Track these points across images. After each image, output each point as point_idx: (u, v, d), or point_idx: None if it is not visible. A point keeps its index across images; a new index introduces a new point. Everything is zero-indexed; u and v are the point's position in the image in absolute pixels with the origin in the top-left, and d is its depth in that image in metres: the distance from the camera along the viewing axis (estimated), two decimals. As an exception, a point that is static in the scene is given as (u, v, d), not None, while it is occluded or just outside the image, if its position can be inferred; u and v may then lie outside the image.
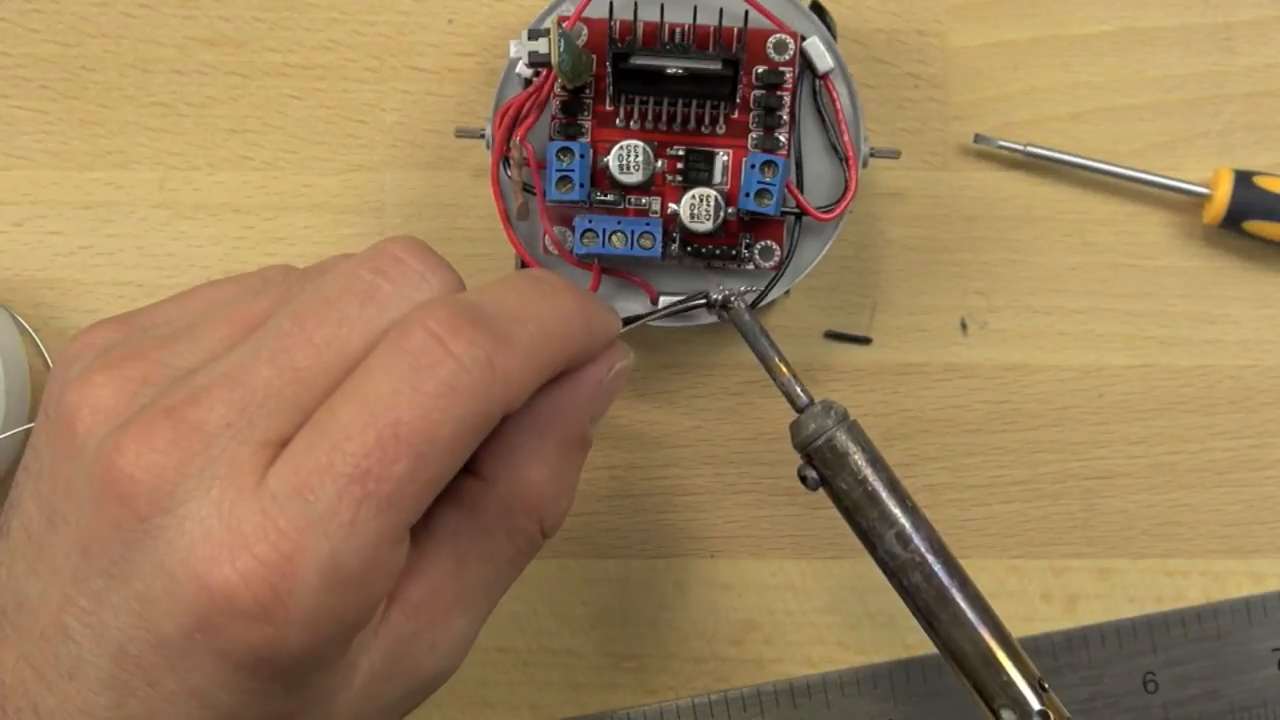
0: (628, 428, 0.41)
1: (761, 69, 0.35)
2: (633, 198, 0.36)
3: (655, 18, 0.35)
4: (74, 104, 0.41)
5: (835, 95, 0.36)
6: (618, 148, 0.35)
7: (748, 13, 0.35)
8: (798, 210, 0.36)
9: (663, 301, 0.37)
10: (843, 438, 0.32)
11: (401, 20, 0.41)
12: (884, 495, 0.32)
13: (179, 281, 0.40)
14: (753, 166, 0.35)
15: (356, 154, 0.41)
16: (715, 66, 0.34)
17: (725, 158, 0.36)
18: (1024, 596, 0.41)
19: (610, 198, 0.36)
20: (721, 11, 0.34)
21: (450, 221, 0.41)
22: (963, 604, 0.31)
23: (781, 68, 0.35)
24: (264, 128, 0.41)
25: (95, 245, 0.40)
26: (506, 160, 0.35)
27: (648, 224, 0.35)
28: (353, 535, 0.25)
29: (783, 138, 0.36)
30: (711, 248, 0.36)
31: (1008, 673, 0.31)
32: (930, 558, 0.32)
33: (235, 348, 0.27)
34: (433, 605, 0.29)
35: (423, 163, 0.41)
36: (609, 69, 0.35)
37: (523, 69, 0.35)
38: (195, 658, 0.25)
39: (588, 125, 0.36)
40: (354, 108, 0.41)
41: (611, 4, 0.34)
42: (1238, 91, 0.41)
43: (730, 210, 0.36)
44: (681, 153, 0.36)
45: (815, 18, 0.36)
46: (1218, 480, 0.41)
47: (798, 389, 0.32)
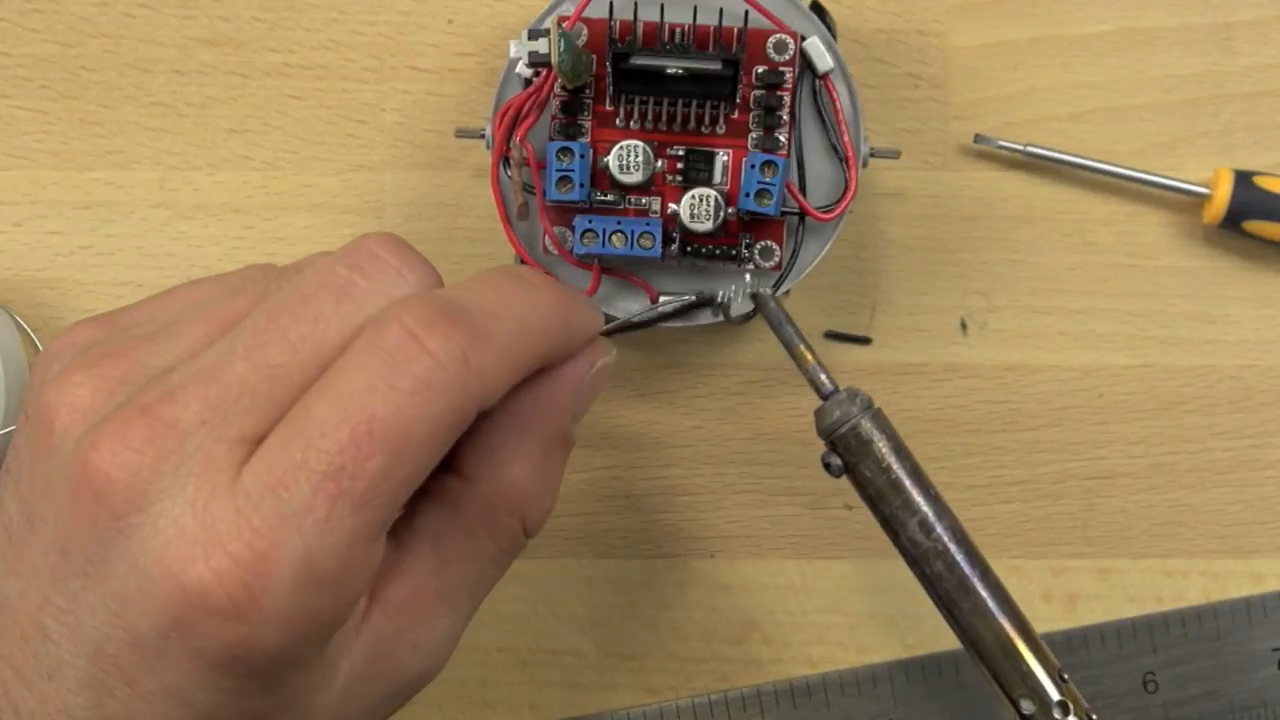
0: (628, 428, 0.41)
1: (761, 69, 0.35)
2: (633, 198, 0.36)
3: (655, 18, 0.35)
4: (74, 104, 0.41)
5: (835, 95, 0.36)
6: (618, 148, 0.35)
7: (748, 13, 0.35)
8: (798, 210, 0.36)
9: (663, 302, 0.37)
10: (867, 425, 0.32)
11: (401, 20, 0.41)
12: (907, 483, 0.32)
13: (179, 281, 0.40)
14: (753, 166, 0.35)
15: (356, 154, 0.41)
16: (715, 66, 0.34)
17: (725, 158, 0.36)
18: (1024, 596, 0.40)
19: (610, 198, 0.36)
20: (721, 11, 0.34)
21: (450, 221, 0.41)
22: (984, 593, 0.32)
23: (781, 68, 0.35)
24: (264, 128, 0.41)
25: (95, 245, 0.40)
26: (506, 160, 0.35)
27: (648, 224, 0.35)
28: (327, 533, 0.25)
29: (783, 138, 0.36)
30: (711, 248, 0.36)
31: (1027, 663, 0.31)
32: (953, 546, 0.32)
33: (212, 345, 0.27)
34: (415, 605, 0.28)
35: (423, 163, 0.41)
36: (609, 69, 0.35)
37: (523, 69, 0.35)
38: (171, 657, 0.25)
39: (588, 125, 0.36)
40: (354, 108, 0.41)
41: (611, 4, 0.34)
42: (1238, 91, 0.41)
43: (730, 210, 0.36)
44: (681, 153, 0.36)
45: (815, 18, 0.36)
46: (1218, 480, 0.41)
47: (823, 376, 0.32)
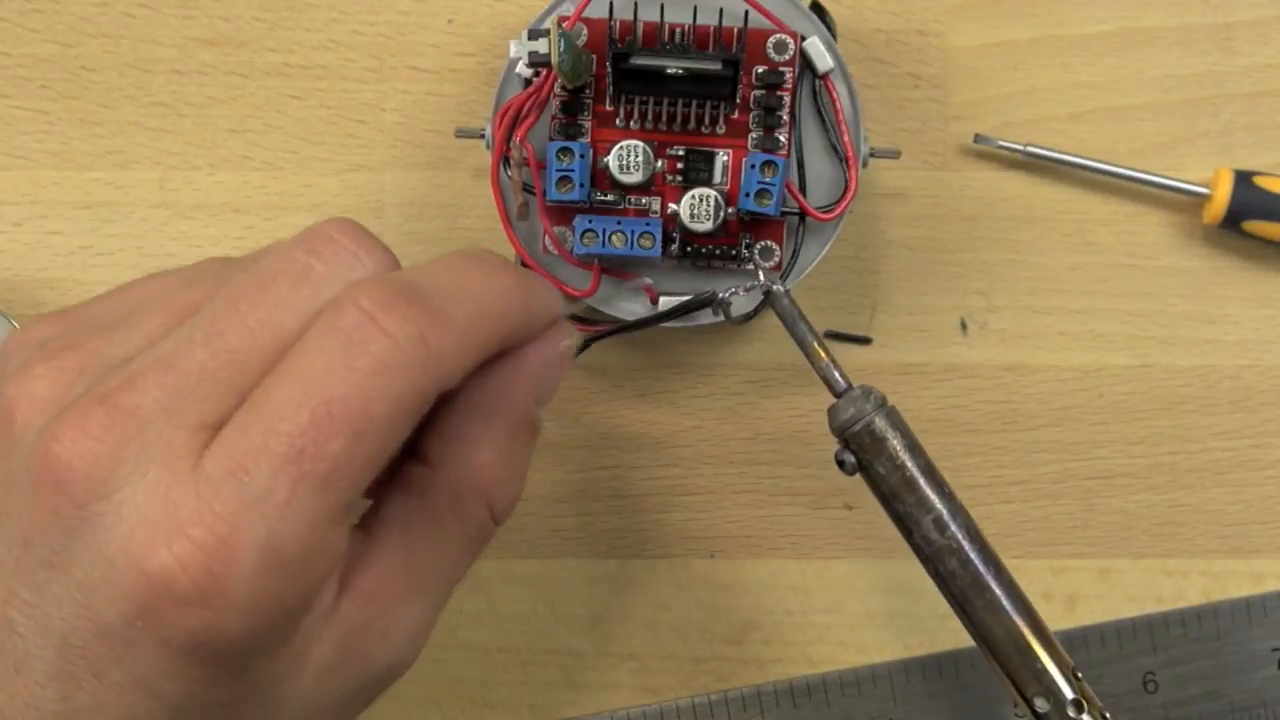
0: (628, 428, 0.41)
1: (761, 69, 0.35)
2: (633, 198, 0.36)
3: (655, 18, 0.35)
4: (74, 104, 0.41)
5: (835, 95, 0.36)
6: (618, 148, 0.35)
7: (748, 13, 0.35)
8: (798, 210, 0.36)
9: (664, 302, 0.37)
10: (881, 423, 0.32)
11: (401, 20, 0.41)
12: (921, 481, 0.32)
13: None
14: (753, 166, 0.35)
15: (356, 154, 0.41)
16: (715, 66, 0.34)
17: (725, 158, 0.36)
18: (1024, 596, 0.41)
19: (610, 198, 0.36)
20: (721, 11, 0.34)
21: (450, 221, 0.41)
22: (998, 591, 0.31)
23: (781, 68, 0.35)
24: (264, 128, 0.41)
25: (95, 245, 0.40)
26: (506, 160, 0.35)
27: (648, 224, 0.35)
28: (289, 516, 0.24)
29: (783, 138, 0.36)
30: (711, 248, 0.36)
31: (1042, 661, 0.31)
32: (967, 544, 0.32)
33: (171, 334, 0.27)
34: (384, 594, 0.28)
35: (423, 163, 0.41)
36: (609, 69, 0.35)
37: (523, 69, 0.35)
38: (138, 646, 0.25)
39: (588, 125, 0.36)
40: (354, 108, 0.41)
41: (611, 4, 0.34)
42: (1238, 91, 0.41)
43: (730, 210, 0.36)
44: (681, 153, 0.36)
45: (815, 18, 0.36)
46: (1218, 480, 0.41)
47: (836, 374, 0.32)
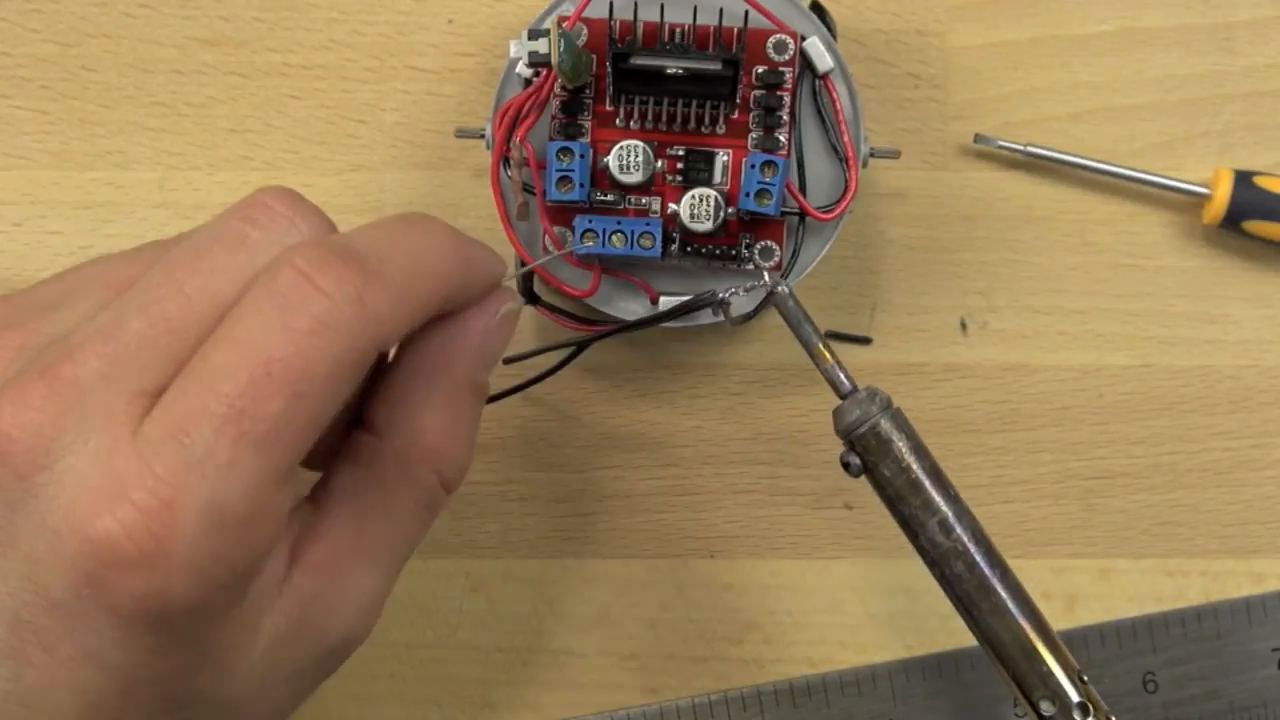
0: (628, 428, 0.41)
1: (761, 69, 0.35)
2: (633, 198, 0.36)
3: (655, 18, 0.35)
4: (74, 104, 0.41)
5: (835, 95, 0.36)
6: (618, 148, 0.35)
7: (748, 13, 0.35)
8: (798, 210, 0.36)
9: (663, 302, 0.37)
10: (886, 425, 0.32)
11: (401, 20, 0.41)
12: (927, 483, 0.32)
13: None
14: (753, 166, 0.35)
15: (356, 154, 0.41)
16: (715, 66, 0.34)
17: (725, 158, 0.36)
18: (1024, 596, 0.41)
19: (610, 198, 0.36)
20: (721, 11, 0.34)
21: (450, 221, 0.40)
22: (1004, 594, 0.31)
23: (781, 68, 0.35)
24: (264, 128, 0.41)
25: (95, 245, 0.40)
26: (506, 160, 0.35)
27: (648, 224, 0.35)
28: (232, 477, 0.25)
29: (783, 138, 0.36)
30: (711, 248, 0.36)
31: (1047, 664, 0.31)
32: (972, 547, 0.31)
33: (108, 306, 0.27)
34: (334, 564, 0.28)
35: (423, 163, 0.41)
36: (609, 69, 0.35)
37: (523, 69, 0.35)
38: (85, 616, 0.25)
39: (588, 125, 0.36)
40: (354, 108, 0.41)
41: (611, 4, 0.34)
42: (1238, 91, 0.41)
43: (730, 210, 0.36)
44: (681, 153, 0.36)
45: (815, 18, 0.36)
46: (1218, 480, 0.41)
47: (841, 375, 0.32)
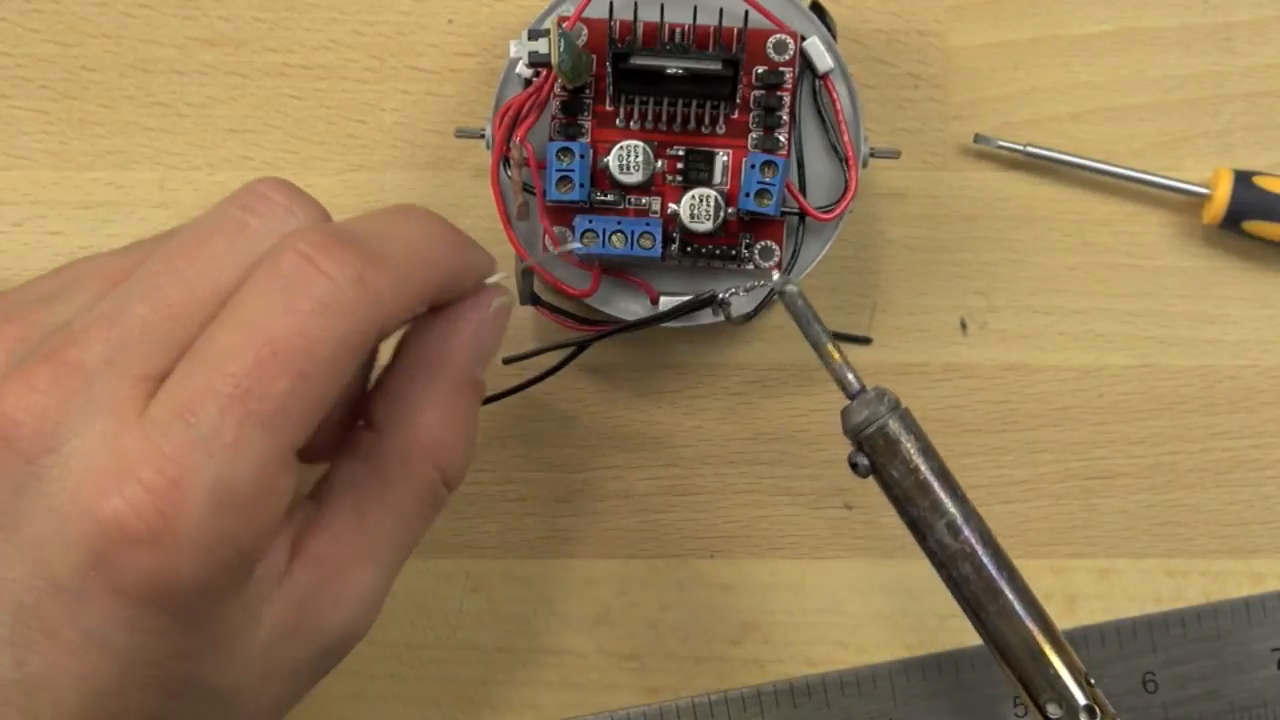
0: (628, 428, 0.41)
1: (761, 69, 0.35)
2: (633, 198, 0.36)
3: (655, 18, 0.35)
4: (74, 104, 0.41)
5: (835, 95, 0.36)
6: (618, 148, 0.35)
7: (748, 13, 0.35)
8: (798, 210, 0.36)
9: (663, 302, 0.37)
10: (895, 425, 0.32)
11: (401, 20, 0.41)
12: (935, 485, 0.32)
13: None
14: (753, 166, 0.35)
15: (356, 154, 0.41)
16: (715, 66, 0.34)
17: (725, 158, 0.36)
18: (1024, 596, 0.41)
19: (610, 198, 0.36)
20: (721, 11, 0.34)
21: (450, 221, 0.41)
22: (1011, 596, 0.31)
23: (781, 68, 0.35)
24: (264, 128, 0.41)
25: (95, 245, 0.40)
26: (506, 160, 0.35)
27: (648, 224, 0.35)
28: (238, 456, 0.25)
29: (783, 138, 0.36)
30: (711, 248, 0.36)
31: (1054, 666, 0.31)
32: (980, 549, 0.31)
33: (110, 294, 0.27)
34: (335, 558, 0.29)
35: (423, 163, 0.41)
36: (609, 69, 0.35)
37: (523, 69, 0.35)
38: (91, 599, 0.25)
39: (588, 125, 0.36)
40: (354, 108, 0.41)
41: (611, 4, 0.34)
42: (1238, 91, 0.41)
43: (730, 210, 0.36)
44: (681, 153, 0.36)
45: (815, 18, 0.36)
46: (1218, 480, 0.41)
47: (850, 375, 0.32)
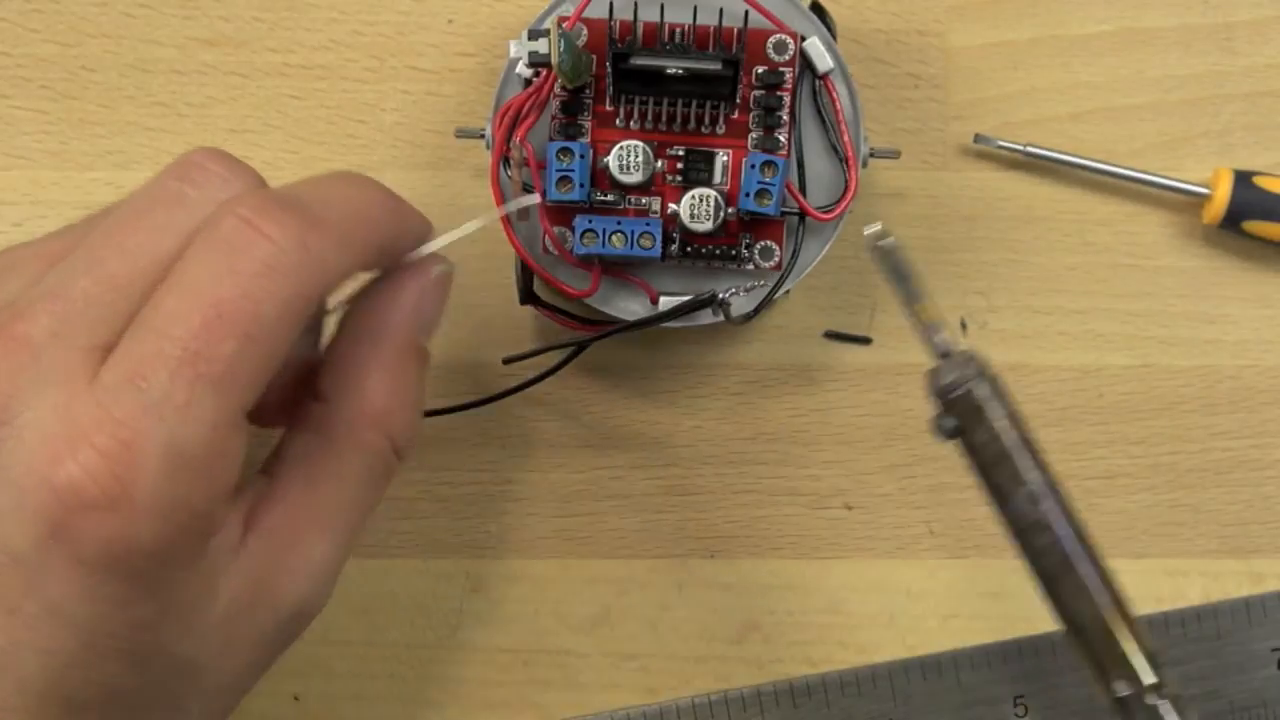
0: (628, 428, 0.41)
1: (761, 69, 0.35)
2: (633, 198, 0.36)
3: (655, 18, 0.35)
4: (74, 104, 0.41)
5: (835, 95, 0.36)
6: (618, 148, 0.35)
7: (748, 13, 0.35)
8: (798, 210, 0.36)
9: (663, 302, 0.37)
10: (984, 389, 0.31)
11: (401, 20, 0.41)
12: (1020, 453, 0.31)
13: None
14: (753, 166, 0.35)
15: (356, 154, 0.41)
16: (715, 66, 0.34)
17: (725, 158, 0.36)
18: (1024, 596, 0.40)
19: (610, 198, 0.36)
20: (721, 11, 0.34)
21: (450, 221, 0.41)
22: (1088, 571, 0.31)
23: (781, 68, 0.35)
24: (264, 128, 0.41)
25: (95, 245, 0.40)
26: (506, 160, 0.35)
27: (648, 224, 0.35)
28: (190, 418, 0.25)
29: (783, 138, 0.36)
30: (711, 248, 0.36)
31: (1125, 644, 0.31)
32: (1060, 521, 0.31)
33: (52, 271, 0.28)
34: (289, 529, 0.29)
35: (423, 163, 0.41)
36: (609, 69, 0.35)
37: (523, 69, 0.35)
38: (51, 570, 0.25)
39: (588, 125, 0.36)
40: (354, 108, 0.41)
41: (611, 4, 0.34)
42: (1238, 91, 0.41)
43: (730, 210, 0.36)
44: (681, 153, 0.36)
45: (815, 18, 0.36)
46: (1218, 480, 0.41)
47: (941, 336, 0.31)
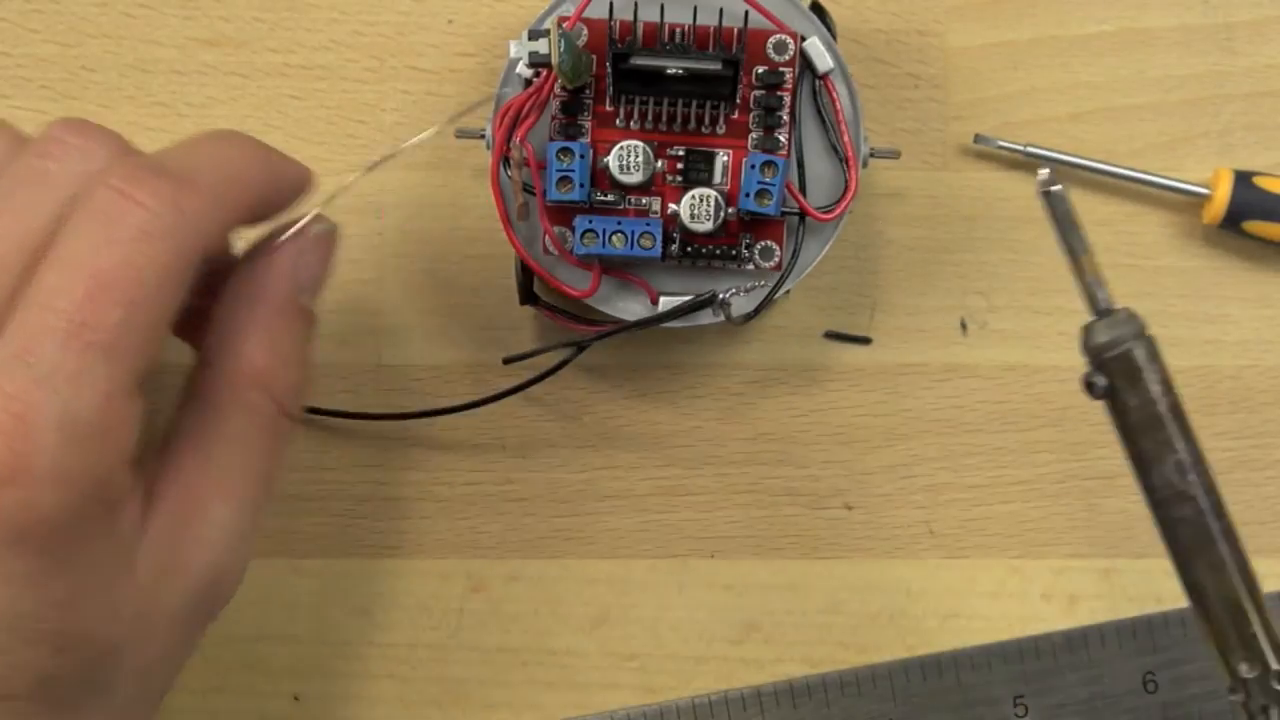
0: (628, 428, 0.41)
1: (761, 69, 0.35)
2: (633, 198, 0.36)
3: (655, 18, 0.35)
4: (74, 104, 0.41)
5: (835, 95, 0.36)
6: (618, 148, 0.35)
7: (748, 13, 0.35)
8: (798, 210, 0.36)
9: (663, 302, 0.37)
10: (1142, 352, 0.30)
11: (401, 20, 0.41)
12: (1171, 420, 0.30)
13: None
14: (753, 167, 0.35)
15: (356, 154, 0.41)
16: (715, 67, 0.34)
17: (725, 158, 0.36)
18: (1024, 596, 0.41)
19: (610, 198, 0.36)
20: (721, 11, 0.34)
21: (450, 221, 0.41)
22: (1224, 549, 0.30)
23: (781, 68, 0.35)
24: (264, 128, 0.41)
25: (95, 245, 0.40)
26: (506, 160, 0.35)
27: (648, 224, 0.35)
28: (82, 388, 0.25)
29: (783, 138, 0.36)
30: (711, 248, 0.36)
31: (1255, 627, 0.30)
32: (1204, 495, 0.30)
33: None
34: (190, 498, 0.29)
35: (423, 163, 0.41)
36: (609, 69, 0.35)
37: (523, 69, 0.35)
38: None
39: (588, 125, 0.36)
40: (354, 108, 0.41)
41: (611, 4, 0.34)
42: (1238, 91, 0.41)
43: (730, 210, 0.36)
44: (681, 153, 0.36)
45: (815, 18, 0.36)
46: (1218, 480, 0.41)
47: (1102, 291, 0.31)
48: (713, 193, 0.36)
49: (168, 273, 0.27)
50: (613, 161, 0.35)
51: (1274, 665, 0.30)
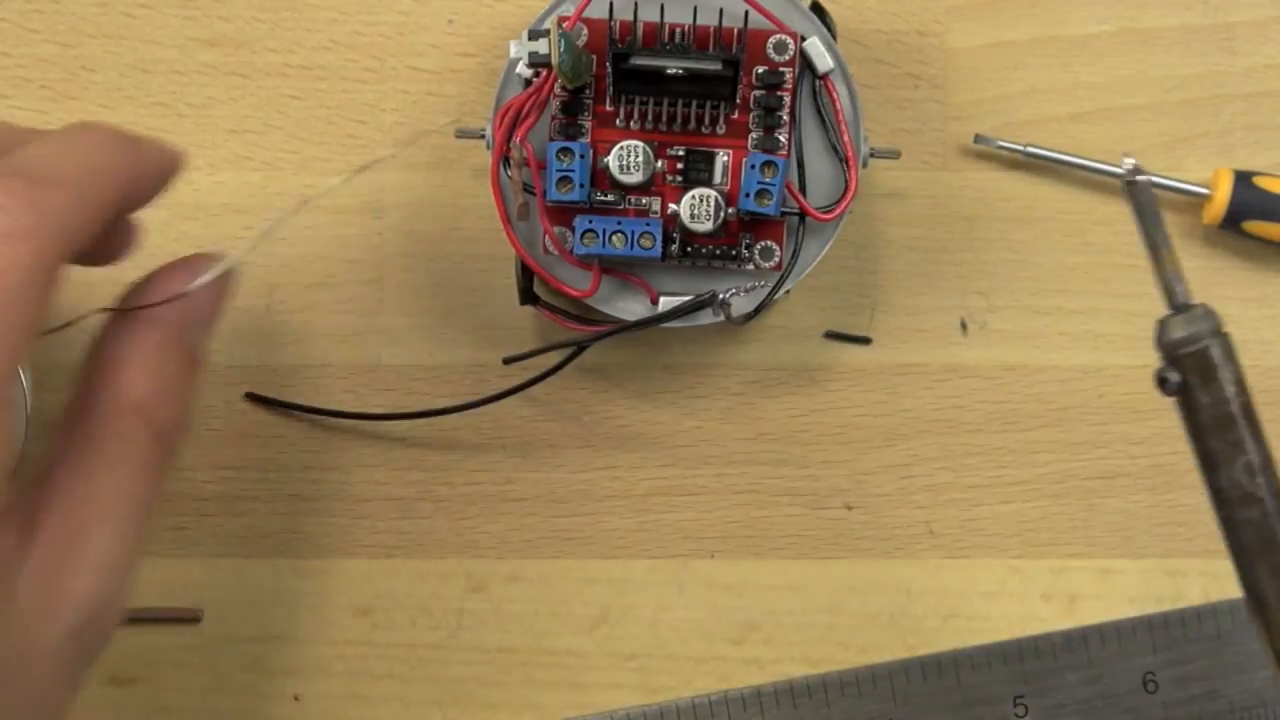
0: (628, 428, 0.41)
1: (761, 69, 0.35)
2: (633, 198, 0.36)
3: (655, 18, 0.35)
4: (74, 104, 0.41)
5: (835, 95, 0.36)
6: (618, 148, 0.35)
7: (748, 13, 0.35)
8: (798, 210, 0.36)
9: (663, 302, 0.37)
10: (1219, 350, 0.30)
11: (401, 20, 0.41)
12: (1243, 420, 0.30)
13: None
14: (753, 167, 0.35)
15: (356, 154, 0.41)
16: (715, 67, 0.34)
17: (725, 158, 0.36)
18: (1024, 596, 0.41)
19: (610, 198, 0.36)
20: (721, 11, 0.34)
21: (450, 221, 0.41)
22: None
23: (781, 68, 0.35)
24: (264, 128, 0.41)
25: (95, 245, 0.40)
26: (506, 160, 0.35)
27: (648, 224, 0.35)
28: None
29: (783, 138, 0.36)
30: (711, 248, 0.36)
31: None
32: (1270, 498, 0.30)
33: None
34: (70, 526, 0.28)
35: (423, 163, 0.41)
36: (609, 69, 0.35)
37: (523, 69, 0.35)
38: None
39: (588, 125, 0.36)
40: (354, 108, 0.41)
41: (611, 4, 0.34)
42: (1238, 91, 0.41)
43: (730, 210, 0.36)
44: (681, 153, 0.36)
45: (815, 18, 0.36)
46: None
47: (1180, 286, 0.30)
48: (713, 193, 0.36)
49: (32, 274, 0.26)
50: (613, 161, 0.35)
51: None
